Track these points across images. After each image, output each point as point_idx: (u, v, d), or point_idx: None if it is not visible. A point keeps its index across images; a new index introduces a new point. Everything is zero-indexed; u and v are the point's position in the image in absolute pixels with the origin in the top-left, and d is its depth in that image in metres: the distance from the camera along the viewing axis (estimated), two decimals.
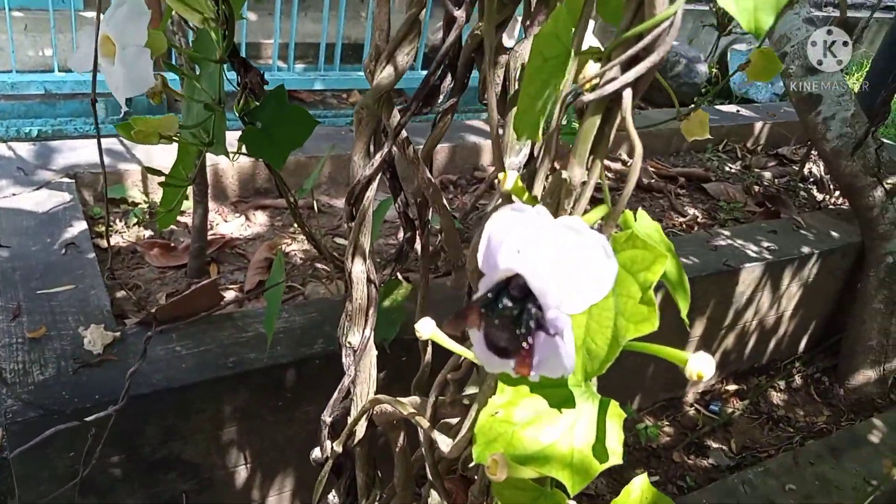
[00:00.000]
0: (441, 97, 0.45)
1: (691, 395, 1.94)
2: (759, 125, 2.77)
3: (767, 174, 2.56)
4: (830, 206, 2.39)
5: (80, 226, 1.43)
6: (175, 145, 0.89)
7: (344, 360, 0.53)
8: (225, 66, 0.85)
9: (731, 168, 2.56)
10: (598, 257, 0.34)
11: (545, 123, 0.38)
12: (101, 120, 2.82)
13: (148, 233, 1.62)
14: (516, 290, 0.35)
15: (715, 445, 1.77)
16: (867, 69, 2.89)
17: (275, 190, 1.84)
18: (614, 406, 0.41)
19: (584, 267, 0.34)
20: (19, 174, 1.58)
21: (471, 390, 0.52)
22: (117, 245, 1.55)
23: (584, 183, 0.37)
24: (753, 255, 1.82)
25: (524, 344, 0.35)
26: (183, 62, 0.84)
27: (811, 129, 1.95)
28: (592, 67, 0.37)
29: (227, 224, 1.70)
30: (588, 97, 0.35)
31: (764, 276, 1.84)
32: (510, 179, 0.39)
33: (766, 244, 1.88)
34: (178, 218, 1.68)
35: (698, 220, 2.15)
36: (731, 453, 1.75)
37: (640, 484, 0.47)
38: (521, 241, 0.34)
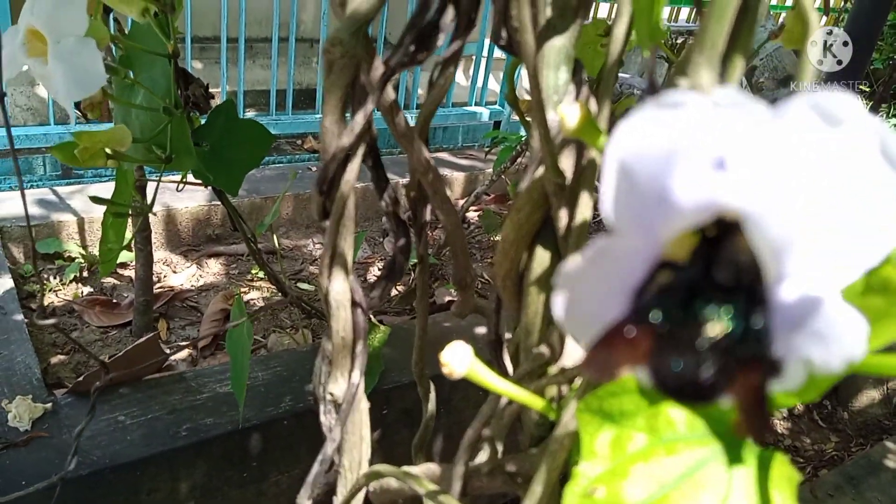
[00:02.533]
0: (442, 36, 0.32)
1: None
2: None
3: None
4: None
5: (6, 285, 1.26)
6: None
7: (323, 418, 0.39)
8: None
9: None
10: (878, 165, 0.18)
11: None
12: (40, 176, 2.64)
13: (87, 289, 1.44)
14: (726, 270, 0.19)
15: None
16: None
17: (230, 236, 1.69)
18: (781, 462, 0.26)
19: (857, 186, 0.18)
20: None
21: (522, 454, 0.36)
22: (52, 304, 1.38)
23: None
24: None
25: (744, 370, 0.19)
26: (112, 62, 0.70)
27: None
28: None
29: (177, 275, 1.54)
30: None
31: None
32: (572, 113, 0.25)
33: None
34: (122, 271, 1.52)
35: None
36: None
37: None
38: (723, 148, 0.18)
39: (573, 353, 0.34)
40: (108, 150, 0.64)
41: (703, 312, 0.19)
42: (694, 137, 0.19)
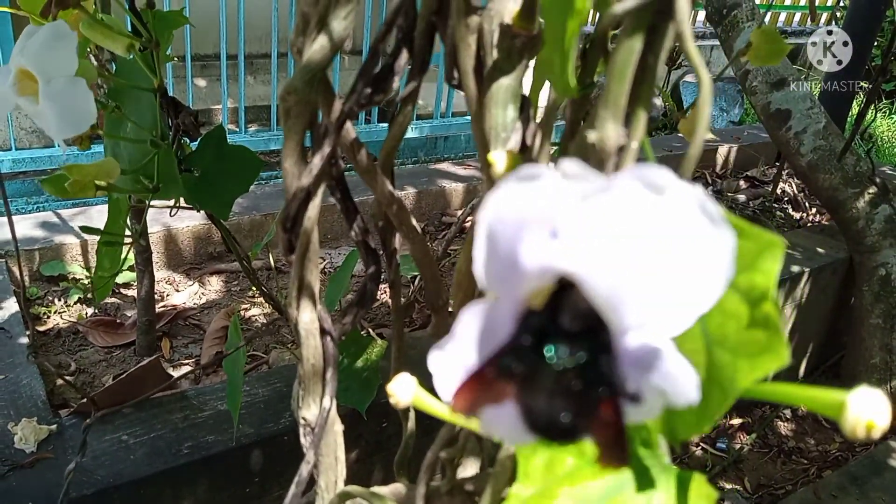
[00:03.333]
0: (396, 78, 0.34)
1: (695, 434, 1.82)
2: (724, 149, 2.72)
3: (742, 197, 2.50)
4: (809, 224, 2.33)
5: (11, 308, 1.28)
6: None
7: (302, 440, 0.41)
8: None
9: None
10: (700, 226, 0.20)
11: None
12: (46, 198, 2.68)
13: (91, 310, 1.47)
14: (572, 319, 0.21)
15: (729, 486, 1.64)
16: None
17: (230, 253, 1.71)
18: (699, 482, 0.27)
19: (680, 247, 0.20)
20: None
21: (471, 468, 0.39)
22: (56, 326, 1.40)
23: (621, 148, 0.25)
24: None
25: (600, 410, 0.21)
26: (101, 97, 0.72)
27: (783, 145, 1.90)
28: None
29: (180, 293, 1.56)
30: (622, 5, 0.23)
31: None
32: (500, 159, 0.27)
33: None
34: (125, 291, 1.54)
35: None
36: (748, 493, 1.62)
37: None
38: (558, 216, 0.20)
39: None
40: (97, 182, 0.66)
41: (557, 357, 0.21)
42: (537, 209, 0.21)
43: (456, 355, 0.23)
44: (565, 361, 0.22)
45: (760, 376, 0.24)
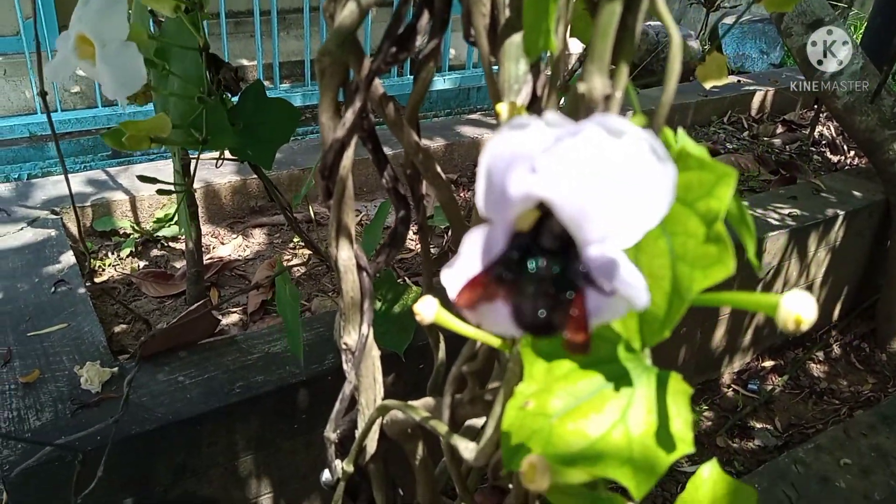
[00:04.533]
0: (419, 38, 0.38)
1: (727, 376, 1.85)
2: (761, 93, 2.68)
3: (777, 141, 2.48)
4: (847, 167, 2.30)
5: (69, 261, 1.37)
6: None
7: (344, 366, 0.46)
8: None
9: (739, 139, 2.47)
10: (647, 159, 0.25)
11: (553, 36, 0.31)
12: (91, 157, 2.77)
13: (142, 263, 1.55)
14: (551, 239, 0.26)
15: (759, 426, 1.68)
16: (862, 31, 2.80)
17: (271, 207, 1.77)
18: (676, 379, 0.32)
19: (631, 176, 0.25)
20: (1, 215, 1.52)
21: (495, 385, 0.44)
22: (112, 278, 1.49)
23: (607, 97, 0.29)
24: (776, 223, 1.74)
25: (571, 310, 0.26)
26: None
27: (819, 87, 1.87)
28: None
29: (225, 246, 1.63)
30: None
31: (790, 244, 1.75)
32: (505, 109, 0.32)
33: (787, 211, 1.80)
34: (173, 244, 1.62)
35: None
36: (778, 432, 1.66)
37: (710, 473, 0.38)
38: (536, 155, 0.25)
39: None
40: (151, 136, 0.71)
41: (537, 268, 0.26)
42: (522, 149, 0.26)
43: (461, 267, 0.29)
44: (543, 271, 0.27)
45: (711, 284, 0.28)
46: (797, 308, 0.26)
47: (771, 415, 1.72)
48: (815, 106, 2.54)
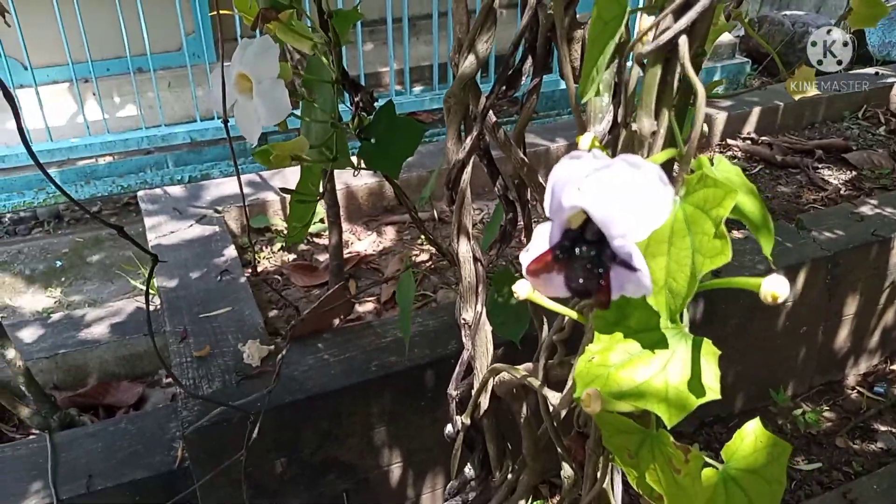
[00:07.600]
0: (524, 78, 0.49)
1: (852, 378, 1.82)
2: None
3: None
4: None
5: (231, 254, 1.58)
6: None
7: (463, 338, 0.57)
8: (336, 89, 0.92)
9: (873, 134, 2.38)
10: (654, 185, 0.36)
11: (614, 83, 0.41)
12: (244, 160, 3.06)
13: (292, 256, 1.75)
14: (591, 234, 0.38)
15: (883, 429, 1.65)
16: None
17: (402, 207, 1.92)
18: (707, 345, 0.42)
19: (641, 195, 0.36)
20: (175, 213, 1.77)
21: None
22: (265, 269, 1.69)
23: (653, 133, 0.39)
24: None
25: (601, 281, 0.38)
26: (296, 88, 0.93)
27: None
28: (647, 20, 0.39)
29: (361, 242, 1.81)
30: (645, 48, 0.37)
31: None
32: (585, 140, 0.42)
33: None
34: (317, 240, 1.81)
35: (841, 192, 2.02)
36: None
37: (753, 429, 0.48)
38: (581, 179, 0.37)
39: None
40: (292, 154, 0.87)
41: (581, 252, 0.37)
42: (573, 174, 0.37)
43: (532, 251, 0.42)
44: (585, 255, 0.40)
45: (713, 268, 0.38)
46: (773, 287, 0.35)
47: None
48: None
